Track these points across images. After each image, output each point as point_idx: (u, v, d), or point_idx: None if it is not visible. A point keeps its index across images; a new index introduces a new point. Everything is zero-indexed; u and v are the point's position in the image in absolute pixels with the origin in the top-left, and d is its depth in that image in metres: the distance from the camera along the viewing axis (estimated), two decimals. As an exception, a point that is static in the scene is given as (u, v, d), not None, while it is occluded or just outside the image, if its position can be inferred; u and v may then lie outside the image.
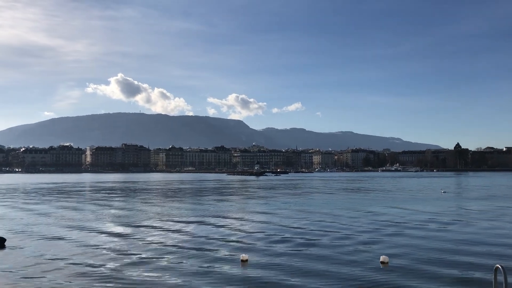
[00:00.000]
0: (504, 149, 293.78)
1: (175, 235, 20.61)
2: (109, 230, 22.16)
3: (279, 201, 41.16)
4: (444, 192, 52.60)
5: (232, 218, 27.19)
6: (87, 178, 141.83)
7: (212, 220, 26.05)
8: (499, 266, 5.65)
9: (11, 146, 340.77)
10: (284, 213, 30.13)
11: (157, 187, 75.06)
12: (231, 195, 51.20)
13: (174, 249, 17.03)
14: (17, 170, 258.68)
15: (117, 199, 45.19)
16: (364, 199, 43.90)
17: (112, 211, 32.19)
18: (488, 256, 15.45)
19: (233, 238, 19.69)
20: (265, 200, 42.04)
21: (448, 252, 16.18)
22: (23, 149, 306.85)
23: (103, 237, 19.97)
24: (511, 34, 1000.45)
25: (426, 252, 16.23)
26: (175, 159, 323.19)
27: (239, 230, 22.08)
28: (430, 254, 15.80)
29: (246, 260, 14.68)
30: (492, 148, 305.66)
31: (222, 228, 22.74)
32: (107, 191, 59.89)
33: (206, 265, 14.35)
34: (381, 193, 53.81)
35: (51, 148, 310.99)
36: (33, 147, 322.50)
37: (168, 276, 12.96)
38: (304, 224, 24.18)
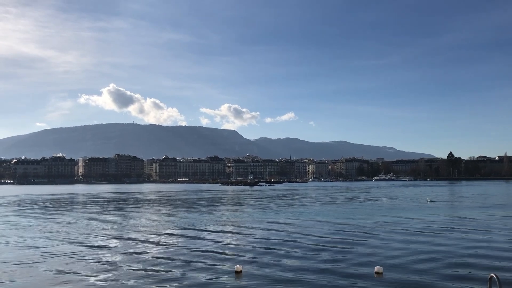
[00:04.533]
0: (497, 158, 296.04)
1: (173, 244, 20.67)
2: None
3: (277, 211, 41.02)
4: (431, 201, 52.89)
5: (229, 228, 27.13)
6: (83, 189, 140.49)
7: (210, 229, 26.22)
8: (494, 275, 5.63)
9: (3, 158, 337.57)
10: (283, 222, 30.02)
11: (163, 197, 74.62)
12: (227, 205, 51.01)
13: (171, 258, 17.02)
14: (8, 181, 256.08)
15: (133, 209, 46.47)
16: (364, 208, 43.84)
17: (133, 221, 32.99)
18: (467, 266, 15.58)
19: (228, 248, 19.60)
20: (261, 210, 41.90)
21: (438, 261, 16.27)
22: (15, 160, 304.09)
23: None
24: (501, 44, 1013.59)
25: (417, 261, 16.34)
26: (169, 170, 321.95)
27: (236, 241, 22.01)
28: (421, 263, 15.88)
29: (241, 271, 14.59)
30: (484, 157, 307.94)
31: (219, 238, 22.69)
32: (119, 202, 61.31)
33: (201, 275, 14.30)
34: (378, 202, 53.99)
35: (43, 159, 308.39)
36: (25, 158, 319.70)
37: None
38: (300, 234, 24.14)
